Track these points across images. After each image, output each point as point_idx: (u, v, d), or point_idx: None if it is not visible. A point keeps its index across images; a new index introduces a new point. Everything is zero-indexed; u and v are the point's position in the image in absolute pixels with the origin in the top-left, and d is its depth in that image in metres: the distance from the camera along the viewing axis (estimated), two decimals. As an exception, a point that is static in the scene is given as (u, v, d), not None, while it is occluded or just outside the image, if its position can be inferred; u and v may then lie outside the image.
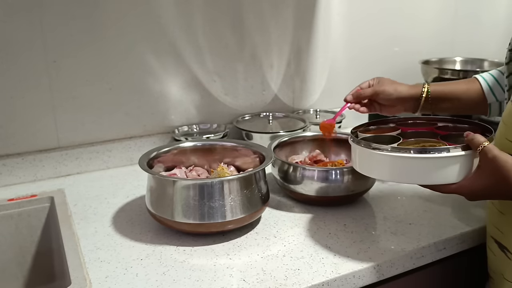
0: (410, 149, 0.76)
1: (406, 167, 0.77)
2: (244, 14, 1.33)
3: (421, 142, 0.82)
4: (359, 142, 0.83)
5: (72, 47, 1.15)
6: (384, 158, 0.78)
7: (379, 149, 0.78)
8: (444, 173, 0.75)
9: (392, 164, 0.77)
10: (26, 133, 1.15)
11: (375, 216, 0.98)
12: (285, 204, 1.03)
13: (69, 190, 1.11)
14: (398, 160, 0.76)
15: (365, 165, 0.84)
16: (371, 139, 0.86)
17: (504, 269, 0.81)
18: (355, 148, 0.84)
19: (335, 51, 1.53)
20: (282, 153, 1.12)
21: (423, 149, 0.76)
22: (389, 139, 0.86)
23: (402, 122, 0.96)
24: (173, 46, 1.26)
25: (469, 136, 0.74)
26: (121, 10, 1.18)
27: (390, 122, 0.97)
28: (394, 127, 0.94)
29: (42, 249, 1.07)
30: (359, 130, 0.93)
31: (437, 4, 1.72)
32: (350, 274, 0.79)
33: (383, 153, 0.78)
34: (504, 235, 0.80)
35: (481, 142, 0.72)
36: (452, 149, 0.74)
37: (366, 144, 0.81)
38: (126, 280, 0.77)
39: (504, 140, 0.78)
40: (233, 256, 0.84)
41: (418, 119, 0.96)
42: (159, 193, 0.89)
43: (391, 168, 0.78)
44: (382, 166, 0.79)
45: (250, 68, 1.39)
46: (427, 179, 0.77)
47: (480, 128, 0.85)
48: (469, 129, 0.85)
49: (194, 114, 1.35)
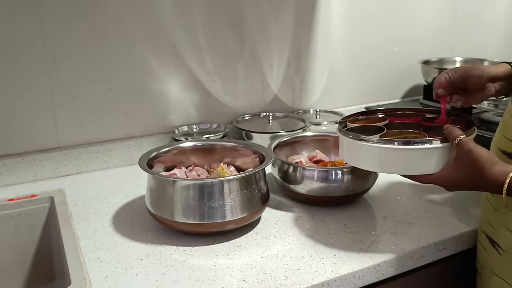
0: (393, 140, 0.78)
1: (389, 157, 0.79)
2: (244, 14, 1.33)
3: (404, 133, 0.85)
4: (347, 133, 0.85)
5: (72, 47, 1.15)
6: (368, 149, 0.80)
7: (365, 140, 0.81)
8: (423, 164, 0.78)
9: (377, 154, 0.80)
10: (26, 133, 1.15)
11: (375, 216, 0.98)
12: (285, 204, 1.03)
13: (69, 190, 1.11)
14: (380, 151, 0.79)
15: (353, 155, 0.86)
16: (357, 130, 0.88)
17: (493, 264, 0.82)
18: (342, 139, 0.86)
19: (335, 51, 1.53)
20: (282, 153, 1.12)
21: (403, 141, 0.78)
22: (375, 129, 0.87)
23: (391, 112, 0.97)
24: (173, 46, 1.26)
25: (447, 129, 0.77)
26: (121, 10, 1.18)
27: (380, 112, 0.98)
28: (383, 117, 0.95)
29: (42, 249, 1.07)
30: (349, 120, 0.94)
31: (437, 4, 1.72)
32: (350, 274, 0.79)
33: (367, 144, 0.80)
34: (495, 230, 0.82)
35: (458, 135, 0.75)
36: (431, 141, 0.77)
37: (354, 135, 0.83)
38: (126, 280, 0.77)
39: (500, 136, 0.79)
40: (233, 256, 0.84)
41: (407, 110, 0.98)
42: (159, 193, 0.89)
43: (376, 158, 0.81)
44: (368, 157, 0.82)
45: (250, 68, 1.39)
46: (407, 169, 0.80)
47: (465, 120, 0.87)
48: (455, 121, 0.88)
49: (194, 114, 1.35)
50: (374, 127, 0.89)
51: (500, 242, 0.81)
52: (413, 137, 0.83)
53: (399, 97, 1.72)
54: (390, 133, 0.85)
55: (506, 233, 0.79)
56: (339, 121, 0.93)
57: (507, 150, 0.78)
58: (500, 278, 0.80)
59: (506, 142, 0.79)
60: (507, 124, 0.79)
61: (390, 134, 0.85)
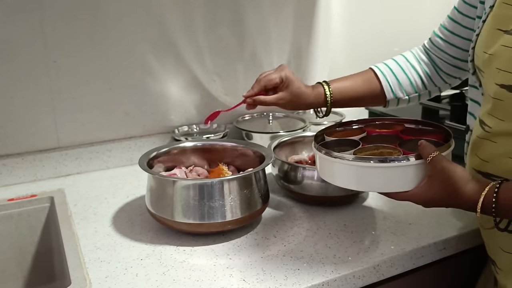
0: (369, 158, 0.76)
1: (365, 175, 0.77)
2: (244, 14, 1.33)
3: (380, 148, 0.82)
4: (321, 149, 0.81)
5: (72, 47, 1.15)
6: (343, 167, 0.78)
7: (340, 157, 0.78)
8: (399, 181, 0.75)
9: (353, 172, 0.77)
10: (26, 133, 1.15)
11: (375, 216, 0.98)
12: (285, 204, 1.03)
13: (69, 190, 1.11)
14: (356, 169, 0.77)
15: (327, 172, 0.83)
16: (333, 144, 0.86)
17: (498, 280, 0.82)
18: (317, 155, 0.83)
19: (335, 51, 1.53)
20: (282, 153, 1.12)
21: (379, 158, 0.75)
22: (351, 143, 0.85)
23: (369, 123, 0.95)
24: (173, 46, 1.26)
25: (421, 145, 0.74)
26: (121, 10, 1.18)
27: (358, 123, 0.96)
28: (361, 128, 0.93)
29: (42, 249, 1.07)
30: (326, 133, 0.92)
31: (437, 3, 1.71)
32: (350, 274, 0.79)
33: (342, 162, 0.77)
34: (491, 250, 0.81)
35: (431, 152, 0.72)
36: (406, 158, 0.75)
37: (328, 152, 0.80)
38: (126, 280, 0.78)
39: (473, 156, 0.79)
40: (233, 256, 0.84)
41: (386, 120, 0.96)
42: (159, 193, 0.89)
43: (352, 177, 0.78)
44: (343, 174, 0.79)
45: (250, 68, 1.39)
46: (383, 187, 0.78)
47: (444, 132, 0.85)
48: (434, 133, 0.86)
49: (194, 114, 1.35)
50: (350, 140, 0.87)
51: (496, 261, 0.80)
52: (389, 153, 0.80)
53: (399, 97, 1.72)
54: (366, 148, 0.82)
55: (500, 252, 0.78)
56: (316, 134, 0.90)
57: (482, 170, 0.76)
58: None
59: (479, 162, 0.77)
60: (478, 145, 0.77)
61: (366, 149, 0.82)
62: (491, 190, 0.68)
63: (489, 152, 0.75)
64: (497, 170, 0.74)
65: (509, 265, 0.77)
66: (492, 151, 0.74)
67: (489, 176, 0.75)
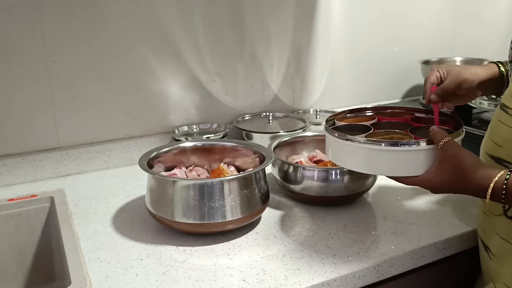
0: (380, 141, 0.77)
1: (376, 158, 0.78)
2: (244, 14, 1.33)
3: (391, 133, 0.83)
4: (333, 132, 0.83)
5: (72, 47, 1.15)
6: (354, 149, 0.79)
7: (351, 140, 0.79)
8: (409, 165, 0.76)
9: (363, 155, 0.78)
10: (26, 133, 1.15)
11: (375, 216, 0.98)
12: (285, 204, 1.03)
13: (69, 190, 1.11)
14: (366, 151, 0.77)
15: (338, 155, 0.84)
16: (344, 128, 0.86)
17: (488, 269, 0.82)
18: (328, 137, 0.84)
19: (335, 51, 1.53)
20: (282, 153, 1.12)
21: (390, 142, 0.76)
22: (362, 128, 0.86)
23: (380, 111, 0.96)
24: (173, 46, 1.26)
25: (433, 131, 0.75)
26: (121, 10, 1.18)
27: (369, 110, 0.96)
28: (372, 115, 0.94)
29: (42, 249, 1.07)
30: (337, 118, 0.93)
31: (437, 4, 1.72)
32: (350, 274, 0.79)
33: (353, 144, 0.78)
34: (486, 235, 0.81)
35: (442, 138, 0.73)
36: (417, 143, 0.75)
37: (340, 135, 0.81)
38: (126, 280, 0.78)
39: (488, 140, 0.79)
40: (233, 256, 0.84)
41: (396, 109, 0.96)
42: (159, 193, 0.89)
43: (362, 159, 0.79)
44: (353, 157, 0.80)
45: (250, 68, 1.39)
46: (393, 171, 0.78)
47: (454, 121, 0.86)
48: (444, 121, 0.86)
49: (194, 114, 1.35)
50: (361, 126, 0.88)
51: (491, 246, 0.80)
52: (399, 138, 0.81)
53: (399, 97, 1.73)
54: (376, 133, 0.84)
55: (496, 238, 0.78)
56: (327, 119, 0.91)
57: (494, 155, 0.77)
58: (493, 283, 0.80)
59: (493, 146, 0.77)
60: (495, 128, 0.78)
61: (377, 134, 0.83)
62: (502, 177, 0.68)
63: (503, 136, 0.75)
64: (509, 156, 0.74)
65: (503, 251, 0.77)
66: (507, 135, 0.74)
67: (500, 161, 0.75)
